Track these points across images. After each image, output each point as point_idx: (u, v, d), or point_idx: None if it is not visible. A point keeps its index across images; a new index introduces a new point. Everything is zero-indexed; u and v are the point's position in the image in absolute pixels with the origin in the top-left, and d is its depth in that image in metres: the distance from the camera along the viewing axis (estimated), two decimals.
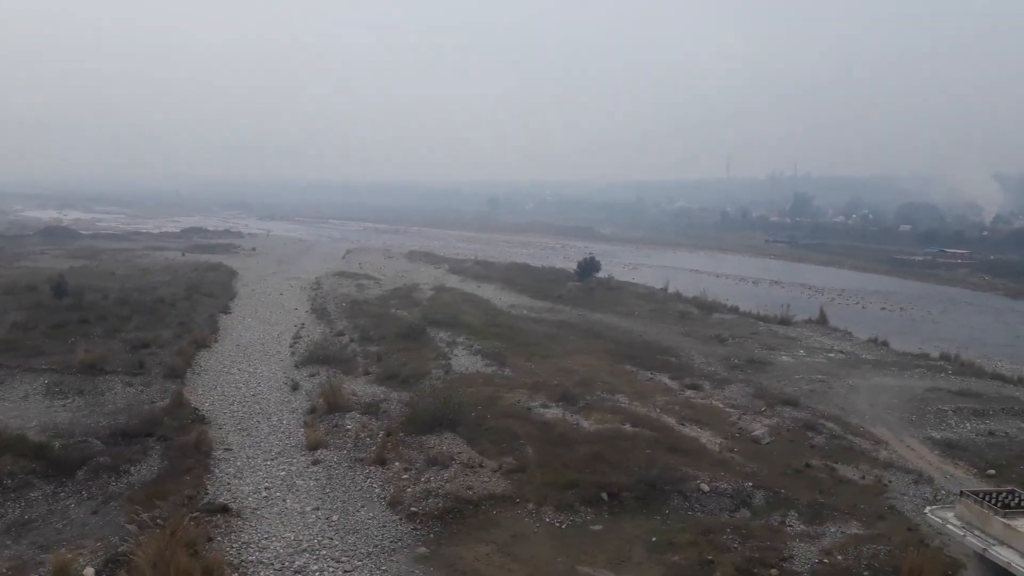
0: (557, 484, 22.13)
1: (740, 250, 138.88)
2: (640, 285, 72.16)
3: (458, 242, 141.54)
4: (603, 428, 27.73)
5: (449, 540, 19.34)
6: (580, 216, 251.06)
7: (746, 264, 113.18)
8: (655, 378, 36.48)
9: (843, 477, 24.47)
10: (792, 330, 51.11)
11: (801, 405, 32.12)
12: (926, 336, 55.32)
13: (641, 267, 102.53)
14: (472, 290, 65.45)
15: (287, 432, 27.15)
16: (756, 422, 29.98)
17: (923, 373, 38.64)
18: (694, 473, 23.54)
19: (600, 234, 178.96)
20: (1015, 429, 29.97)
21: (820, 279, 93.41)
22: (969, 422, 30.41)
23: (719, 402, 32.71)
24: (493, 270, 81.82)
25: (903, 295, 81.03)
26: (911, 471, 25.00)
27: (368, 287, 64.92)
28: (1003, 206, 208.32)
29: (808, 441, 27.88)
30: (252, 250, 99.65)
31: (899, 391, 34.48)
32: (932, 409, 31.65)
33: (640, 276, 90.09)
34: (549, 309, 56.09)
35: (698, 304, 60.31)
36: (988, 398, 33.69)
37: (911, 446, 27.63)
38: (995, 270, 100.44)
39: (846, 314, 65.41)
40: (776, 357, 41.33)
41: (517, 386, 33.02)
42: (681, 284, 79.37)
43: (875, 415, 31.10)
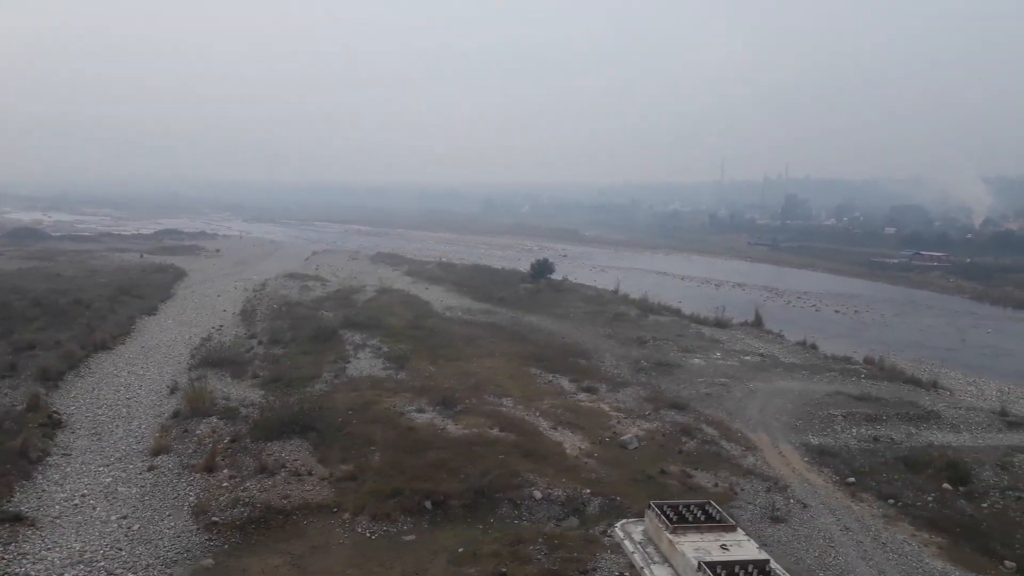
0: (382, 493, 21.38)
1: (720, 253, 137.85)
2: (592, 287, 71.25)
3: (437, 244, 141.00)
4: (468, 433, 26.98)
5: (242, 551, 18.60)
6: (572, 219, 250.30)
7: (719, 266, 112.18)
8: (555, 381, 35.72)
9: (695, 484, 23.66)
10: (724, 333, 50.25)
11: (689, 409, 31.32)
12: (868, 339, 54.42)
13: (609, 269, 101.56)
14: (418, 292, 64.74)
15: (140, 437, 26.45)
16: (634, 426, 29.21)
17: (834, 377, 37.77)
18: (534, 480, 22.78)
19: (584, 237, 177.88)
20: (903, 435, 29.14)
21: (789, 282, 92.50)
22: (856, 428, 29.58)
23: (607, 405, 31.92)
24: (451, 272, 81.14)
25: (866, 298, 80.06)
26: (769, 479, 24.19)
27: (312, 289, 64.25)
28: (993, 208, 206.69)
29: (679, 446, 27.09)
30: (216, 252, 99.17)
31: (798, 395, 33.63)
32: (823, 414, 30.81)
33: (604, 278, 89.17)
34: (485, 311, 55.30)
35: (640, 306, 59.52)
36: (888, 403, 32.84)
37: (783, 452, 26.80)
38: (968, 273, 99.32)
39: (795, 316, 64.62)
40: (689, 360, 40.50)
41: (404, 390, 32.32)
42: (640, 286, 78.64)
43: (761, 420, 30.26)
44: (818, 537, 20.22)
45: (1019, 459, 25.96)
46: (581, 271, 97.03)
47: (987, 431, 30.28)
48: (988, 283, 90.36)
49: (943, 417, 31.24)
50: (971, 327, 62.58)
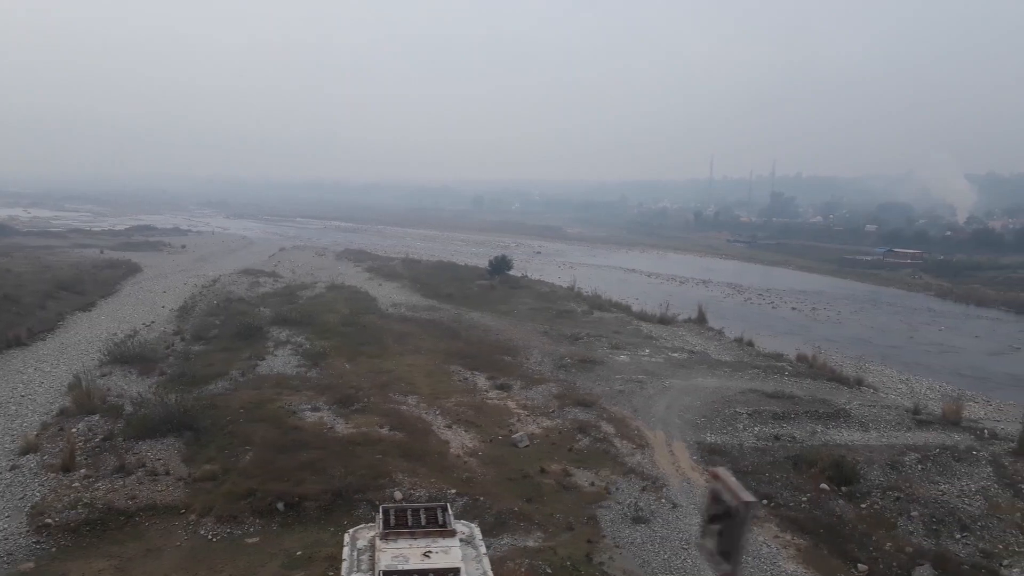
0: (234, 494, 20.82)
1: (697, 250, 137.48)
2: (548, 284, 70.70)
3: (415, 241, 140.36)
4: (354, 433, 26.46)
5: (70, 554, 18.03)
6: (560, 216, 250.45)
7: (691, 264, 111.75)
8: (472, 378, 35.20)
9: (571, 483, 23.16)
10: (665, 329, 49.76)
11: (596, 406, 30.83)
12: (814, 336, 53.98)
13: (579, 266, 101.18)
14: (370, 288, 64.16)
15: (16, 436, 25.81)
16: (533, 424, 28.73)
17: (756, 374, 37.28)
18: (402, 480, 22.24)
19: (567, 234, 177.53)
20: (806, 433, 28.65)
21: (756, 279, 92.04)
22: (760, 426, 29.05)
23: (515, 403, 31.41)
24: (413, 268, 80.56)
25: (830, 295, 79.65)
26: (649, 478, 23.70)
27: (262, 285, 63.63)
28: (979, 206, 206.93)
29: (571, 444, 26.61)
30: (182, 248, 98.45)
31: (712, 392, 33.12)
32: (729, 412, 30.29)
33: (570, 275, 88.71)
34: (430, 308, 54.74)
35: (590, 303, 59.05)
36: (801, 401, 32.34)
37: (674, 450, 26.28)
38: (938, 270, 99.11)
39: (749, 313, 64.19)
40: (615, 357, 39.98)
41: (307, 388, 31.80)
42: (603, 283, 78.38)
43: (664, 417, 29.76)
44: (675, 539, 19.71)
45: (910, 458, 25.47)
46: (550, 268, 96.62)
47: (896, 429, 29.79)
48: (955, 280, 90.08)
49: (852, 415, 30.74)
50: (925, 324, 62.16)
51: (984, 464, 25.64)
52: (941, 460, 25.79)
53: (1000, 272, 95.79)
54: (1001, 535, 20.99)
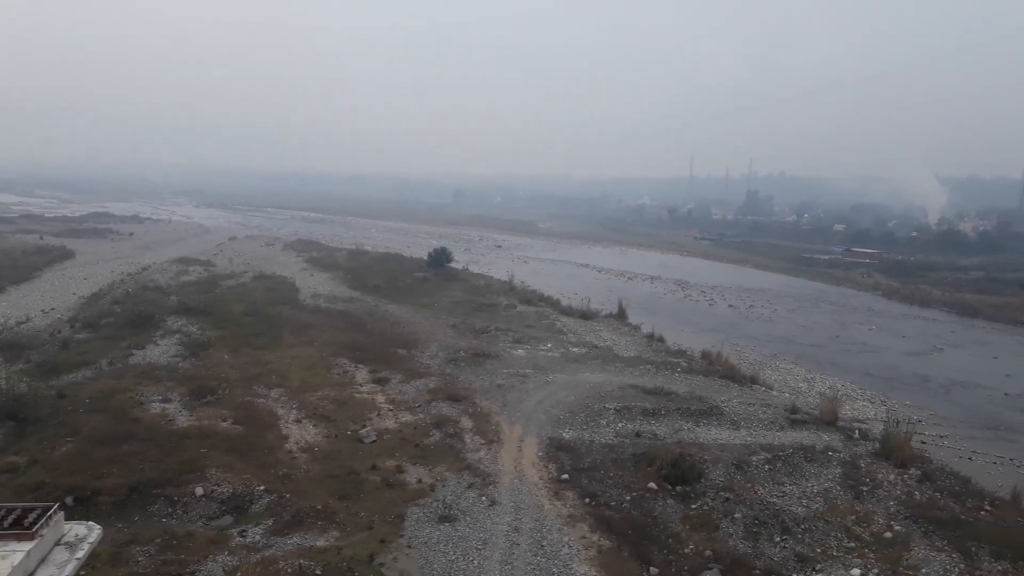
0: (26, 486, 19.96)
1: (662, 247, 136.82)
2: (487, 277, 69.98)
3: (378, 232, 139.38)
4: (192, 426, 25.67)
5: None
6: (538, 211, 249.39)
7: (650, 260, 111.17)
8: (353, 371, 34.47)
9: (398, 480, 22.44)
10: (582, 324, 49.11)
11: (467, 401, 30.15)
12: (736, 334, 53.52)
13: (534, 260, 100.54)
14: (300, 279, 63.23)
15: None
16: (390, 419, 28.00)
17: (647, 370, 36.67)
18: (212, 475, 21.39)
19: (537, 229, 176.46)
20: (670, 430, 28.05)
21: (707, 276, 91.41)
22: (625, 422, 28.40)
23: (384, 397, 30.69)
24: (355, 260, 79.70)
25: (776, 292, 79.16)
26: (482, 474, 23.03)
27: (189, 274, 62.63)
28: (952, 208, 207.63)
29: (421, 440, 25.93)
30: (129, 235, 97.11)
31: (591, 387, 32.44)
32: (599, 407, 29.63)
33: (523, 269, 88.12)
34: (350, 299, 53.87)
35: (519, 297, 58.44)
36: (678, 398, 31.71)
37: (523, 447, 25.59)
38: (892, 270, 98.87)
39: (683, 310, 63.72)
40: (513, 351, 39.29)
41: (170, 379, 31.02)
42: (549, 277, 77.85)
43: (531, 413, 29.06)
44: (474, 539, 18.99)
45: (760, 459, 24.88)
46: (503, 262, 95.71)
47: (767, 428, 29.24)
48: (907, 281, 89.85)
49: (726, 413, 30.17)
50: (858, 324, 61.76)
51: (835, 465, 25.09)
52: (793, 461, 25.23)
53: (951, 273, 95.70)
54: (823, 538, 20.42)
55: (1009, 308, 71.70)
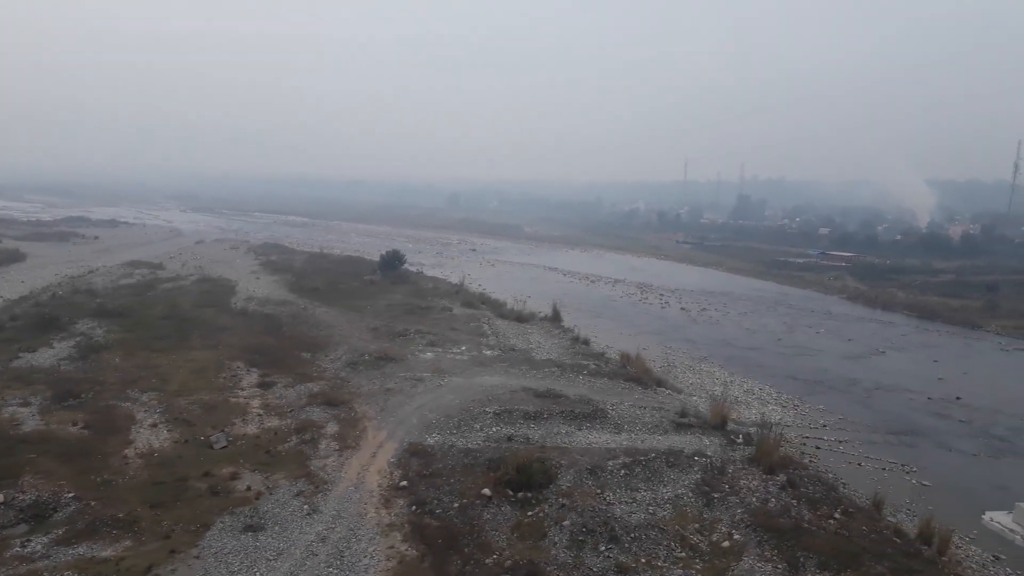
0: None
1: (641, 250, 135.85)
2: (440, 280, 69.41)
3: (357, 236, 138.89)
4: (38, 430, 25.06)
5: None
6: (531, 215, 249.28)
7: (622, 263, 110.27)
8: (243, 375, 33.82)
9: (227, 487, 21.71)
10: (513, 327, 48.35)
11: (345, 405, 29.52)
12: (674, 336, 52.72)
13: (502, 263, 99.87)
14: (245, 282, 62.62)
15: None
16: (256, 424, 27.21)
17: (549, 373, 35.87)
18: (17, 482, 20.64)
19: (522, 232, 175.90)
20: (545, 434, 27.21)
21: (674, 279, 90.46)
22: (500, 427, 27.57)
23: (260, 402, 29.97)
24: (312, 263, 79.19)
25: (737, 295, 78.22)
26: (318, 481, 22.33)
27: (132, 277, 62.19)
28: (945, 211, 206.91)
29: (274, 446, 25.12)
30: (94, 239, 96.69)
31: (481, 391, 31.61)
32: (478, 411, 28.81)
33: (488, 272, 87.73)
34: (283, 302, 53.19)
35: (463, 299, 57.76)
36: (567, 401, 30.89)
37: (380, 452, 24.86)
38: (864, 273, 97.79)
39: (631, 312, 62.99)
40: (421, 354, 38.55)
41: (42, 382, 30.29)
42: (508, 281, 77.35)
43: (405, 418, 28.29)
44: (272, 549, 18.22)
45: (617, 463, 24.00)
46: (469, 265, 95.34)
47: (649, 432, 28.41)
48: (876, 284, 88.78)
49: (610, 417, 29.36)
50: (807, 327, 60.77)
51: (697, 471, 24.19)
52: (654, 466, 24.34)
53: (924, 277, 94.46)
54: (652, 548, 19.53)
55: (968, 311, 70.49)
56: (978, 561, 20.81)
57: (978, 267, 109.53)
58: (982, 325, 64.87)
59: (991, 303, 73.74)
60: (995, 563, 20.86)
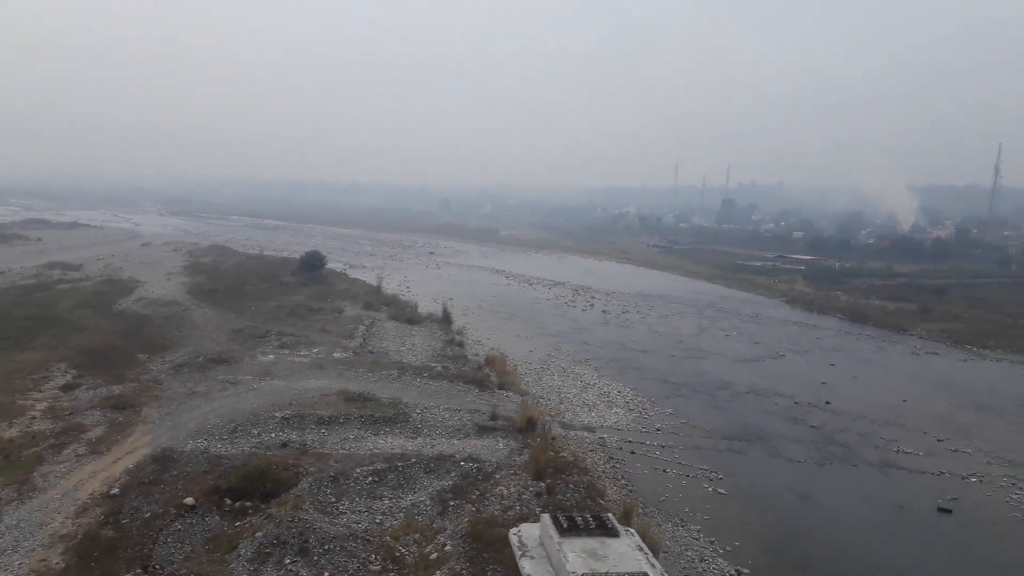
0: None
1: (606, 254, 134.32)
2: (359, 282, 68.28)
3: (324, 239, 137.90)
4: None
5: None
6: (520, 219, 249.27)
7: (577, 266, 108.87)
8: (59, 378, 32.81)
9: None
10: (398, 328, 47.65)
11: (132, 408, 28.22)
12: (573, 339, 51.63)
13: (452, 266, 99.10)
14: (152, 284, 61.71)
15: None
16: (19, 428, 25.97)
17: (383, 376, 34.76)
18: None
19: (498, 236, 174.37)
20: (329, 439, 25.90)
21: (621, 282, 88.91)
22: (281, 432, 26.44)
23: (50, 404, 28.79)
24: (240, 265, 78.04)
25: (674, 298, 76.73)
26: (28, 489, 20.91)
27: (38, 278, 61.39)
28: (922, 216, 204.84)
29: (23, 450, 23.92)
30: (37, 240, 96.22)
31: (291, 394, 30.45)
32: (267, 416, 27.59)
33: (430, 274, 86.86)
34: (169, 303, 52.34)
35: (365, 302, 56.53)
36: (375, 404, 29.65)
37: (128, 458, 23.50)
38: (817, 276, 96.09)
39: (547, 313, 62.07)
40: (261, 357, 37.50)
41: None
42: (444, 283, 76.53)
43: (187, 420, 27.00)
44: None
45: (364, 471, 22.72)
46: (414, 267, 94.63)
47: (450, 436, 27.13)
48: (823, 287, 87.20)
49: (411, 420, 28.10)
50: (719, 329, 59.34)
51: (452, 477, 22.78)
52: (410, 472, 23.03)
53: (872, 280, 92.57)
54: (345, 561, 18.17)
55: (899, 315, 68.73)
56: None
57: (941, 271, 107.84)
58: (908, 328, 63.11)
59: (925, 307, 72.00)
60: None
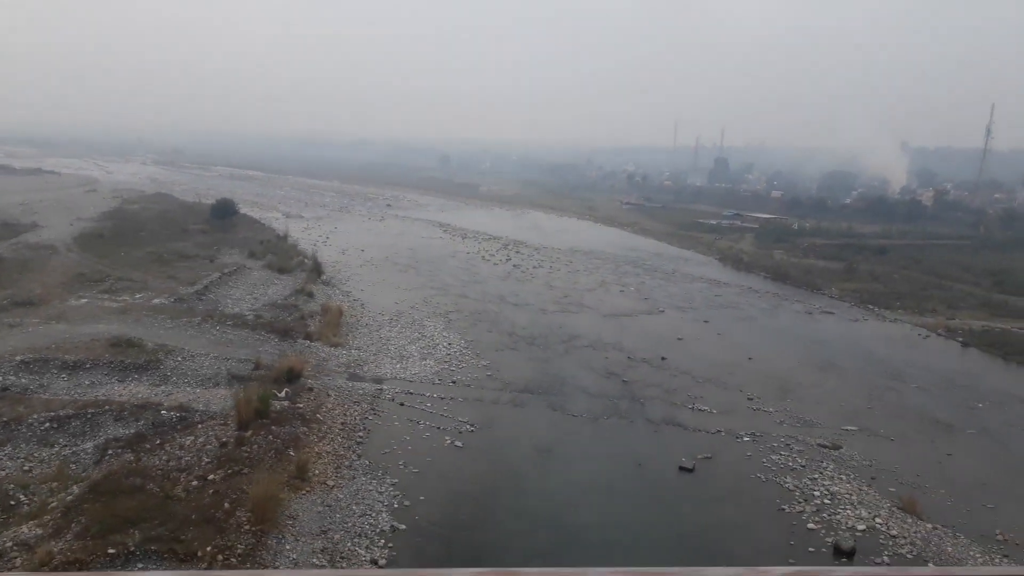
0: None
1: (574, 211, 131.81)
2: (266, 230, 67.19)
3: (292, 190, 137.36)
4: None
5: None
6: (519, 175, 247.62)
7: (531, 222, 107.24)
8: None
9: None
10: (264, 275, 46.82)
11: None
12: (462, 292, 50.60)
13: (399, 219, 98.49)
14: (54, 227, 60.75)
15: None
16: None
17: (183, 324, 33.57)
18: None
19: (476, 192, 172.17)
20: (62, 385, 24.90)
21: (567, 239, 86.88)
22: (13, 377, 25.25)
23: None
24: (165, 212, 76.91)
25: (609, 255, 75.13)
26: None
27: None
28: (915, 178, 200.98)
29: None
30: None
31: (54, 337, 29.39)
32: (7, 360, 26.50)
33: (367, 226, 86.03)
34: (45, 247, 51.42)
35: (252, 251, 55.39)
36: (136, 351, 28.53)
37: None
38: (766, 236, 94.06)
39: (454, 267, 60.68)
40: (75, 301, 36.56)
41: None
42: (371, 235, 75.62)
43: None
44: None
45: (43, 416, 21.63)
46: (354, 219, 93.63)
47: (198, 385, 26.60)
48: (765, 246, 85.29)
49: (162, 368, 27.12)
50: (620, 285, 57.83)
51: (138, 426, 21.84)
52: (98, 420, 22.34)
53: (814, 239, 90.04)
54: None
55: (823, 274, 67.02)
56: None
57: (905, 231, 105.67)
58: (823, 288, 61.30)
59: (851, 266, 70.11)
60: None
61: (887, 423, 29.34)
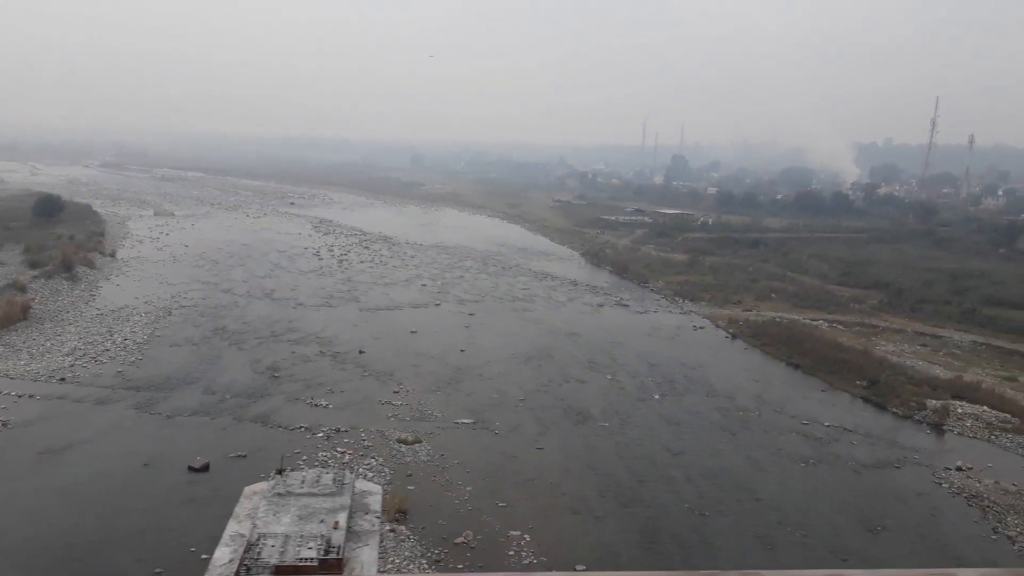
0: None
1: (495, 208, 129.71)
2: (85, 226, 65.30)
3: (209, 188, 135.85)
4: None
5: None
6: (486, 174, 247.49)
7: (426, 218, 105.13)
8: None
9: None
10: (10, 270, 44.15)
11: None
12: (228, 277, 47.92)
13: (286, 216, 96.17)
14: None
15: None
16: None
17: None
18: None
19: (418, 191, 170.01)
20: None
21: (446, 236, 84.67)
22: None
23: None
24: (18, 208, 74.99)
25: (476, 250, 73.15)
26: None
27: None
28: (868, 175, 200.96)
29: None
30: None
31: None
32: None
33: (239, 224, 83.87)
34: None
35: (45, 245, 53.20)
36: None
37: None
38: (657, 231, 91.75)
39: (272, 258, 58.44)
40: None
41: None
42: (230, 233, 73.77)
43: None
44: None
45: None
46: (225, 217, 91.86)
47: None
48: (647, 241, 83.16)
49: None
50: (427, 277, 55.73)
51: None
52: None
53: (698, 234, 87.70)
54: None
55: (662, 268, 65.37)
56: None
57: (811, 225, 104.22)
58: (649, 282, 59.14)
59: (693, 260, 68.14)
60: None
61: (514, 415, 27.12)
